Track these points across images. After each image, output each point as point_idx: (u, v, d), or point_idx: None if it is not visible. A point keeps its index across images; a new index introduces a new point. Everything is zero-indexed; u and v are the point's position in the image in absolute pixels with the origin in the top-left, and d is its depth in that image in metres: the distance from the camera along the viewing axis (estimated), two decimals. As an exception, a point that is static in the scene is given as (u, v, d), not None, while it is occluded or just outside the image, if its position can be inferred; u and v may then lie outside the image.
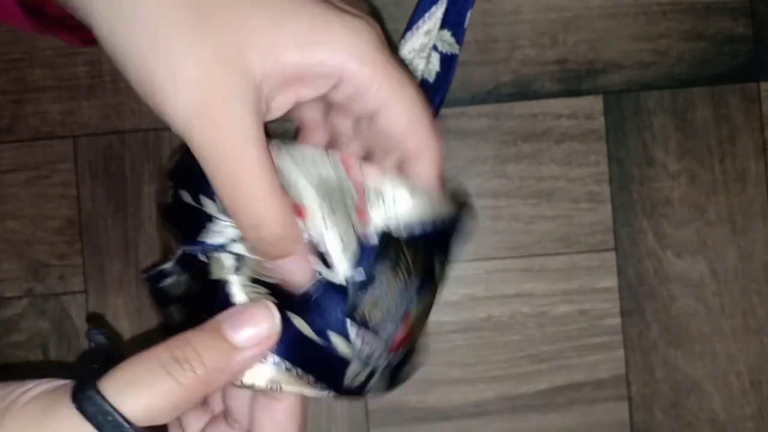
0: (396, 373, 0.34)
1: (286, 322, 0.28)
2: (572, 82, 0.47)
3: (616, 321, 0.47)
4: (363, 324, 0.29)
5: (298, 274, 0.28)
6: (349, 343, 0.29)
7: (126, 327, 0.47)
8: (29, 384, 0.27)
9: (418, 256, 0.31)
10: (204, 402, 0.30)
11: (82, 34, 0.35)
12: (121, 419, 0.23)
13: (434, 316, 0.47)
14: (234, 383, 0.27)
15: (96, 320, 0.45)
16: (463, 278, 0.47)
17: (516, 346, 0.47)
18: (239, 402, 0.30)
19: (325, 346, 0.29)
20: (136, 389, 0.24)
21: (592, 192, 0.47)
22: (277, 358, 0.27)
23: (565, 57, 0.47)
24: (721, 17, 0.47)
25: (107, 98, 0.47)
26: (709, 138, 0.47)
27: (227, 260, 0.28)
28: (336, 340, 0.29)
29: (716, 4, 0.47)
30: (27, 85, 0.47)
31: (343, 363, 0.29)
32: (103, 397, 0.23)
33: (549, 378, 0.47)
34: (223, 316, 0.26)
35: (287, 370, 0.28)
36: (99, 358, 0.26)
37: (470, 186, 0.47)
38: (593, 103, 0.47)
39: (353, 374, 0.30)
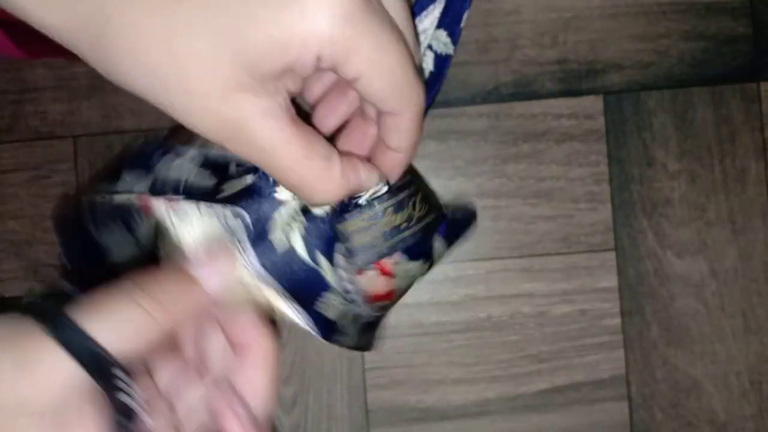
0: (364, 330, 0.35)
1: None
2: (572, 82, 0.47)
3: (616, 321, 0.47)
4: (343, 239, 0.31)
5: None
6: (332, 267, 0.30)
7: (126, 327, 0.47)
8: None
9: (426, 217, 0.33)
10: (176, 348, 0.30)
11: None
12: (100, 350, 0.22)
13: (434, 316, 0.47)
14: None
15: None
16: (463, 278, 0.47)
17: (516, 346, 0.47)
18: (213, 347, 0.30)
19: (312, 268, 0.30)
20: (106, 319, 0.24)
21: (592, 192, 0.47)
22: (258, 266, 0.29)
23: (565, 57, 0.47)
24: (721, 17, 0.47)
25: (107, 98, 0.47)
26: (709, 138, 0.47)
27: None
28: (323, 263, 0.30)
29: (716, 4, 0.47)
30: (27, 85, 0.47)
31: (322, 286, 0.30)
32: (77, 325, 0.22)
33: (549, 378, 0.47)
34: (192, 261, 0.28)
35: (262, 279, 0.29)
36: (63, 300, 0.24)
37: (470, 186, 0.47)
38: (593, 103, 0.47)
39: (327, 302, 0.30)
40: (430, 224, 0.34)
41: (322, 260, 0.31)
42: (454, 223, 0.37)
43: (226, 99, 0.25)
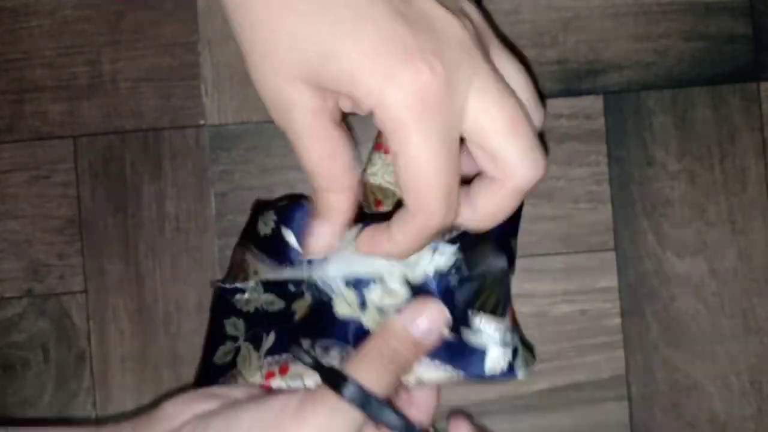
0: (529, 346, 0.39)
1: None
2: (572, 82, 0.47)
3: (616, 321, 0.47)
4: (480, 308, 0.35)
5: (317, 241, 0.33)
6: (471, 330, 0.34)
7: (126, 327, 0.47)
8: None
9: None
10: None
11: None
12: (379, 397, 0.31)
13: (434, 316, 0.47)
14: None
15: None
16: (463, 278, 0.47)
17: (516, 346, 0.47)
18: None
19: (459, 341, 0.35)
20: (370, 377, 0.32)
21: (592, 192, 0.47)
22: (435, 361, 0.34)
23: (565, 57, 0.47)
24: (721, 17, 0.47)
25: (107, 98, 0.47)
26: (709, 138, 0.47)
27: (351, 297, 0.36)
28: (465, 333, 0.35)
29: (716, 4, 0.47)
30: (27, 85, 0.47)
31: (481, 352, 0.35)
32: (359, 383, 0.31)
33: (549, 378, 0.47)
34: (402, 316, 0.34)
35: (437, 368, 0.35)
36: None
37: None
38: (593, 103, 0.47)
39: (496, 358, 0.35)
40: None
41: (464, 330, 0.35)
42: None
43: (291, 83, 0.29)
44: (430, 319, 0.33)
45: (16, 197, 0.47)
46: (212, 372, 0.39)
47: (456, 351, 0.35)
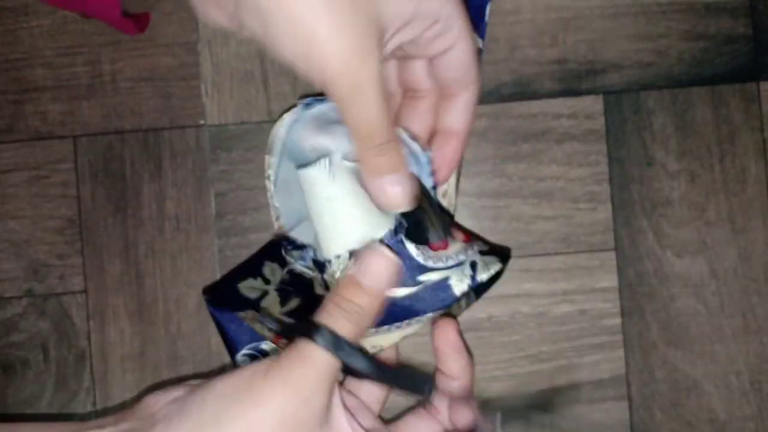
0: (495, 251, 0.40)
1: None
2: (572, 82, 0.47)
3: (616, 321, 0.47)
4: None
5: (400, 194, 0.34)
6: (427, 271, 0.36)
7: (126, 326, 0.47)
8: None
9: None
10: None
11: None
12: (349, 341, 0.32)
13: (434, 316, 0.47)
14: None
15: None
16: (463, 278, 0.47)
17: (516, 346, 0.47)
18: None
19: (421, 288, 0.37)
20: (335, 326, 0.33)
21: (592, 192, 0.47)
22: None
23: (565, 57, 0.47)
24: (721, 17, 0.47)
25: (107, 98, 0.47)
26: (709, 138, 0.47)
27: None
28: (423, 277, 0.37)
29: (716, 4, 0.47)
30: (27, 85, 0.47)
31: (445, 285, 0.37)
32: (330, 328, 0.32)
33: (549, 378, 0.47)
34: (353, 269, 0.34)
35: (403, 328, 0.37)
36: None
37: (470, 186, 0.47)
38: (593, 103, 0.47)
39: (458, 281, 0.37)
40: None
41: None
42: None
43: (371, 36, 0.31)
44: (376, 265, 0.34)
45: (16, 197, 0.47)
46: (231, 294, 0.41)
47: (418, 299, 0.36)
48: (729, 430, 0.47)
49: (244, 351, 0.41)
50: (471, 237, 0.39)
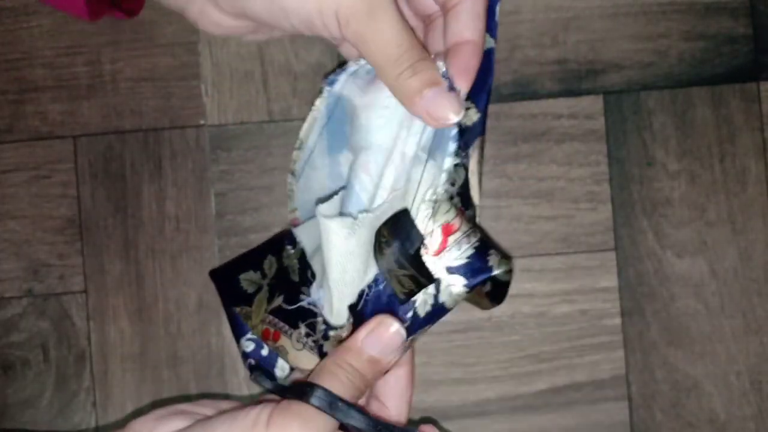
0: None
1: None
2: (572, 82, 0.47)
3: (616, 321, 0.47)
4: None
5: (446, 104, 0.32)
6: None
7: (126, 327, 0.47)
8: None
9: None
10: None
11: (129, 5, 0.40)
12: (345, 400, 0.32)
13: (434, 316, 0.47)
14: None
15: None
16: (463, 278, 0.47)
17: (516, 346, 0.47)
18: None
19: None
20: (333, 387, 0.33)
21: (592, 192, 0.47)
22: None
23: (565, 57, 0.47)
24: (721, 17, 0.47)
25: (107, 98, 0.47)
26: (709, 138, 0.47)
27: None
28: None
29: (716, 4, 0.47)
30: (27, 85, 0.47)
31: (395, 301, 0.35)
32: (324, 388, 0.32)
33: (549, 378, 0.47)
34: (360, 334, 0.34)
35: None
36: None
37: (470, 186, 0.47)
38: (593, 103, 0.47)
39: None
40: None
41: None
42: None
43: None
44: (386, 338, 0.33)
45: (16, 197, 0.47)
46: (233, 285, 0.41)
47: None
48: (729, 430, 0.47)
49: (249, 335, 0.41)
50: (446, 245, 0.37)
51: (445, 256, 0.34)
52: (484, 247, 0.34)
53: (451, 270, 0.34)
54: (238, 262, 0.42)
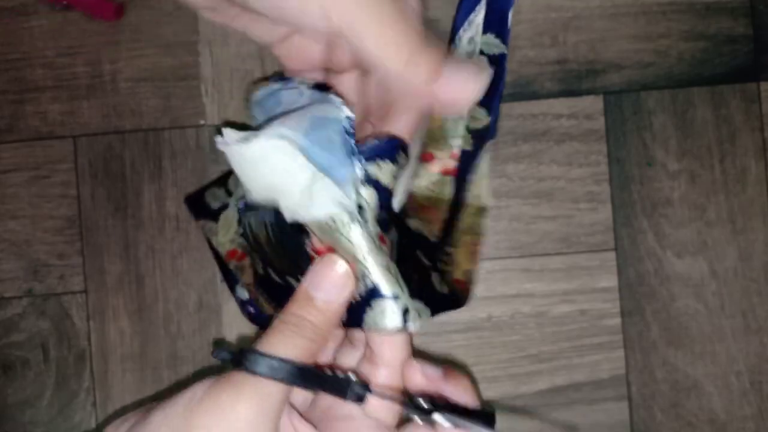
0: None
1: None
2: (572, 82, 0.47)
3: (616, 321, 0.47)
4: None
5: (465, 85, 0.30)
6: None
7: (126, 327, 0.47)
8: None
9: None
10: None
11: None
12: (282, 362, 0.30)
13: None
14: None
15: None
16: (463, 278, 0.47)
17: (516, 346, 0.47)
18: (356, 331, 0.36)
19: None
20: (281, 348, 0.31)
21: (592, 192, 0.47)
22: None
23: (565, 57, 0.47)
24: (721, 17, 0.47)
25: (107, 98, 0.47)
26: (709, 138, 0.47)
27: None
28: None
29: (716, 4, 0.47)
30: (27, 85, 0.47)
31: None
32: (261, 352, 0.30)
33: (549, 378, 0.47)
34: (305, 283, 0.32)
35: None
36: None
37: (470, 186, 0.47)
38: (593, 103, 0.47)
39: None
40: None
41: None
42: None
43: None
44: (329, 279, 0.32)
45: (16, 197, 0.47)
46: (200, 201, 0.40)
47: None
48: (729, 430, 0.47)
49: (241, 283, 0.40)
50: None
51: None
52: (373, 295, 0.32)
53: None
54: (209, 183, 0.41)
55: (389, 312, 0.32)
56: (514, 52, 0.47)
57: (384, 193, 0.32)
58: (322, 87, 0.34)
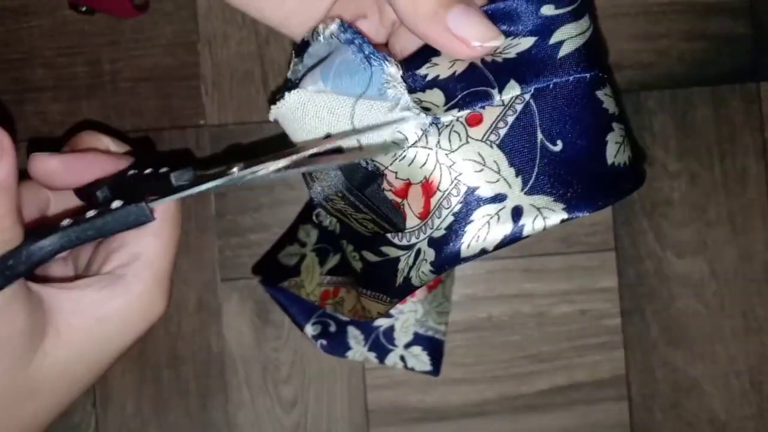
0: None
1: None
2: (572, 82, 0.47)
3: (616, 321, 0.47)
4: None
5: (480, 23, 0.26)
6: None
7: (126, 327, 0.47)
8: None
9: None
10: None
11: None
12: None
13: (434, 316, 0.47)
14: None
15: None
16: (463, 278, 0.47)
17: (516, 346, 0.47)
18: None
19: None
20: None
21: (592, 192, 0.47)
22: None
23: (565, 57, 0.47)
24: (721, 17, 0.47)
25: (107, 98, 0.47)
26: (709, 138, 0.47)
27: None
28: None
29: (716, 4, 0.47)
30: (27, 85, 0.47)
31: None
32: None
33: (549, 378, 0.47)
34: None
35: None
36: None
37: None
38: (593, 103, 0.47)
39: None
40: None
41: None
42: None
43: None
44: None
45: (16, 197, 0.47)
46: (274, 266, 0.40)
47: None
48: (729, 430, 0.47)
49: (313, 320, 0.42)
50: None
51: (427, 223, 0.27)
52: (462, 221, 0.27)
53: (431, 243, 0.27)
54: (274, 247, 0.41)
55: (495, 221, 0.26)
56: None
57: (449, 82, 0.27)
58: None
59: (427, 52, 0.28)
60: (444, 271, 0.27)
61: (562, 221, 0.26)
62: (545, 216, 0.26)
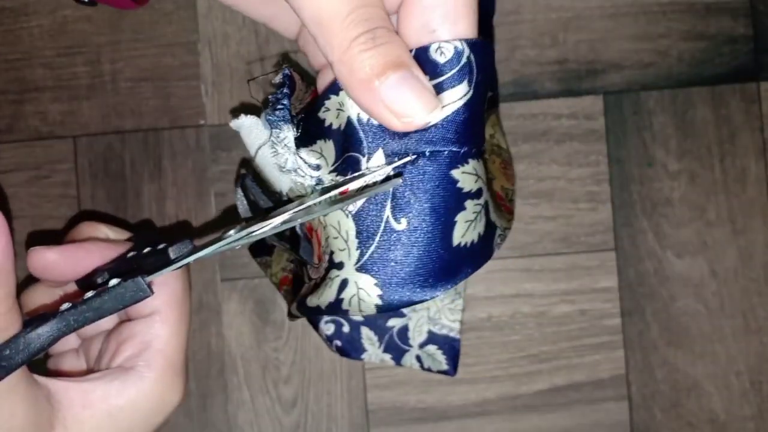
0: None
1: None
2: (572, 82, 0.47)
3: (616, 321, 0.47)
4: None
5: (417, 96, 0.23)
6: None
7: (126, 327, 0.47)
8: None
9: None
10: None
11: None
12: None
13: (434, 316, 0.47)
14: None
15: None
16: (463, 278, 0.47)
17: (516, 346, 0.47)
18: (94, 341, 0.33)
19: None
20: None
21: (592, 192, 0.47)
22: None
23: (565, 57, 0.47)
24: (721, 17, 0.47)
25: (107, 98, 0.47)
26: (709, 138, 0.47)
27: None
28: None
29: (716, 4, 0.47)
30: (27, 85, 0.47)
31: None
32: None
33: (549, 378, 0.47)
34: None
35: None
36: None
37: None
38: (593, 103, 0.47)
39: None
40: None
41: None
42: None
43: None
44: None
45: (16, 197, 0.47)
46: (261, 241, 0.38)
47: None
48: (729, 430, 0.47)
49: (326, 319, 0.43)
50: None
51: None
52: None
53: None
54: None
55: None
56: (514, 52, 0.47)
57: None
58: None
59: (328, 90, 0.26)
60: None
61: (377, 308, 0.25)
62: (361, 298, 0.26)
